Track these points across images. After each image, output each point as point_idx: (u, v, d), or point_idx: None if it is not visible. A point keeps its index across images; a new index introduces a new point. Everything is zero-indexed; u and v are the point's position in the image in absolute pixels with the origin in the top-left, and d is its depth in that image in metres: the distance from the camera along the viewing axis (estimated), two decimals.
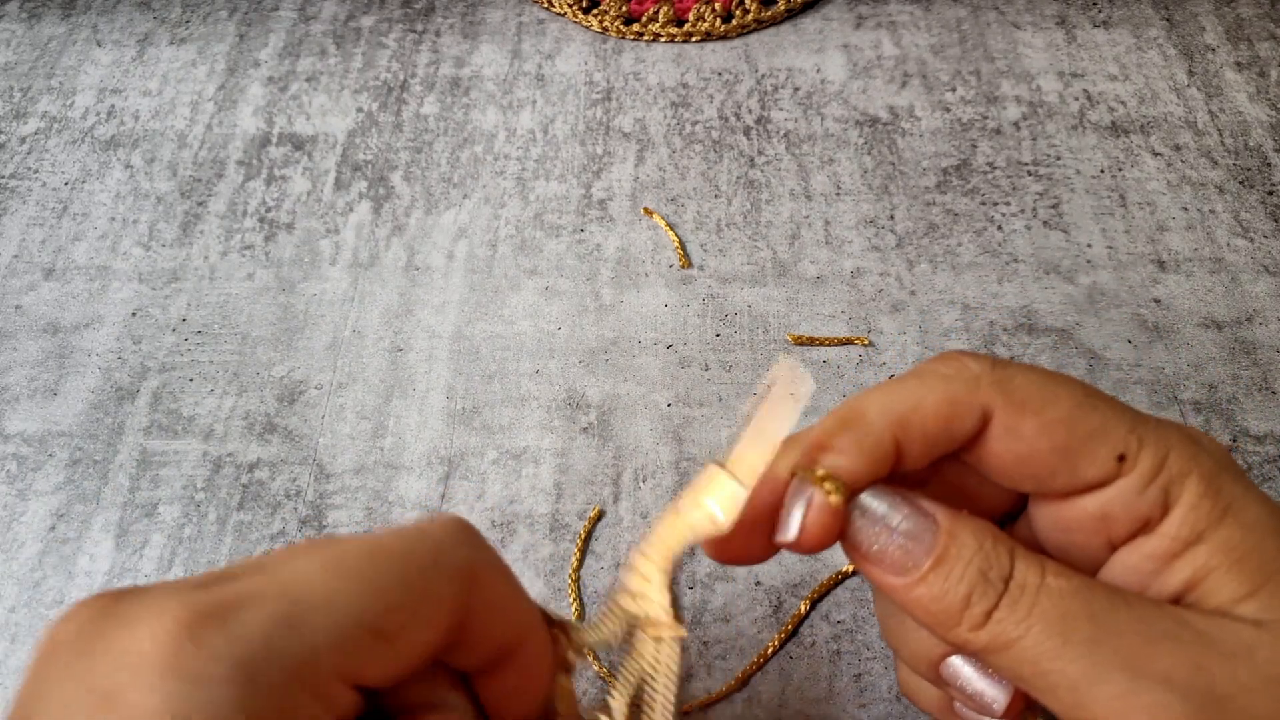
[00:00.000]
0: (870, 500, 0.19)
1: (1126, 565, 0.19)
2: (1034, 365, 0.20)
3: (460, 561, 0.18)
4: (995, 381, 0.19)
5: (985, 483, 0.21)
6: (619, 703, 0.20)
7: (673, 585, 0.20)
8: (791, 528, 0.19)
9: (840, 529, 0.19)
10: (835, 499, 0.19)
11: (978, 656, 0.19)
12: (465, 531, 0.19)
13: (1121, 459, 0.19)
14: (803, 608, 0.33)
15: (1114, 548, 0.20)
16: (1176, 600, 0.19)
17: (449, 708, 0.19)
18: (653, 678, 0.20)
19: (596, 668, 0.31)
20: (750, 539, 0.20)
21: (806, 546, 0.19)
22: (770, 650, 0.32)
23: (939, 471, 0.21)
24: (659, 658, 0.20)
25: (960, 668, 0.21)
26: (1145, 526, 0.19)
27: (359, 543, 0.17)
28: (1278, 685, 0.17)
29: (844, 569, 0.34)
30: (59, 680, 0.14)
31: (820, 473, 0.19)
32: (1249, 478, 0.19)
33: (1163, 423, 0.19)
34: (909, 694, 0.24)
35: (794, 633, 0.33)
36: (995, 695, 0.20)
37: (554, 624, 0.20)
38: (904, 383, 0.20)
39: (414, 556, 0.17)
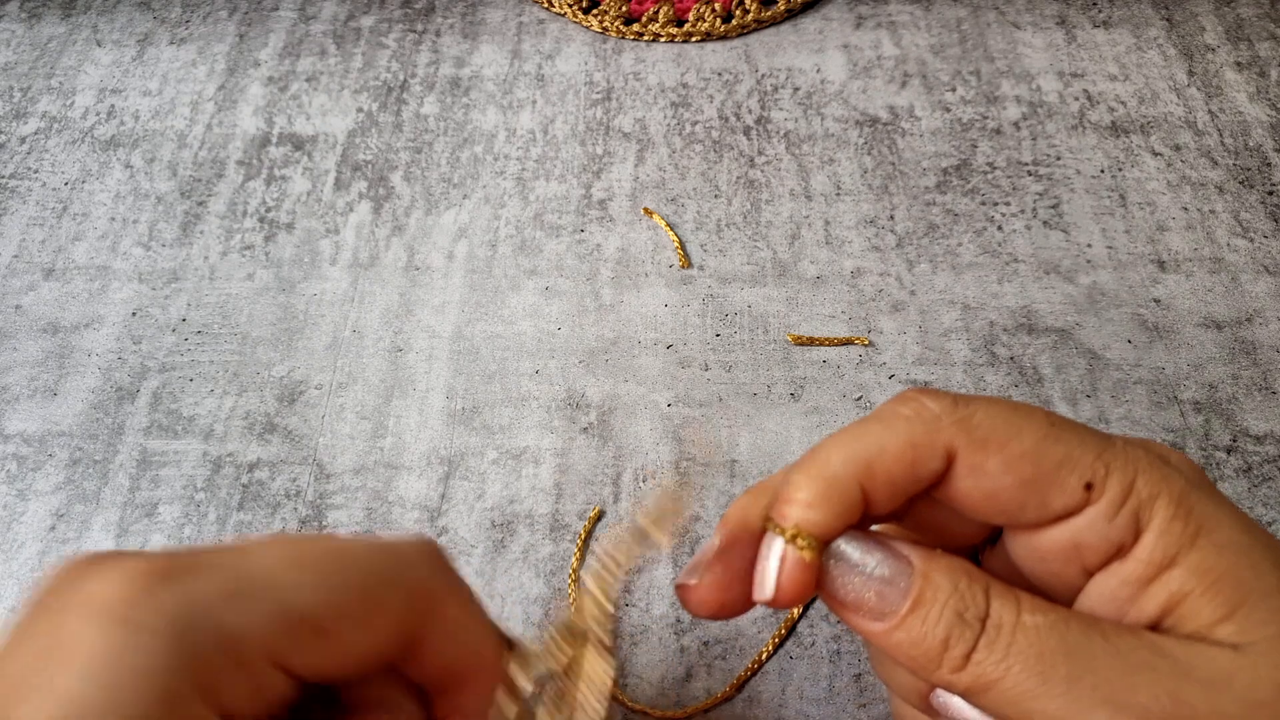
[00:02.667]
0: (844, 547, 0.19)
1: (1103, 592, 0.19)
2: (995, 398, 0.20)
3: (418, 582, 0.19)
4: (957, 421, 0.19)
5: (958, 515, 0.21)
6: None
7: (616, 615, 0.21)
8: (767, 587, 0.19)
9: (815, 582, 0.19)
10: (808, 555, 0.19)
11: (961, 696, 0.19)
12: (431, 554, 0.19)
13: (1089, 487, 0.18)
14: (796, 611, 0.33)
15: (1089, 574, 0.19)
16: (1155, 625, 0.19)
17: (398, 709, 0.20)
18: (584, 704, 0.21)
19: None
20: (729, 594, 0.20)
21: (784, 603, 0.19)
22: (765, 654, 0.32)
23: (912, 508, 0.21)
24: (591, 684, 0.21)
25: (949, 700, 0.21)
26: (1119, 552, 0.19)
27: (325, 543, 0.18)
28: (1257, 711, 0.17)
29: None
30: (32, 623, 0.16)
31: (790, 530, 0.19)
32: (1222, 495, 0.19)
33: (1130, 444, 0.19)
34: None
35: (790, 634, 0.33)
36: None
37: (511, 648, 0.21)
38: (866, 427, 0.20)
39: (372, 566, 0.18)
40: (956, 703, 0.21)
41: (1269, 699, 0.17)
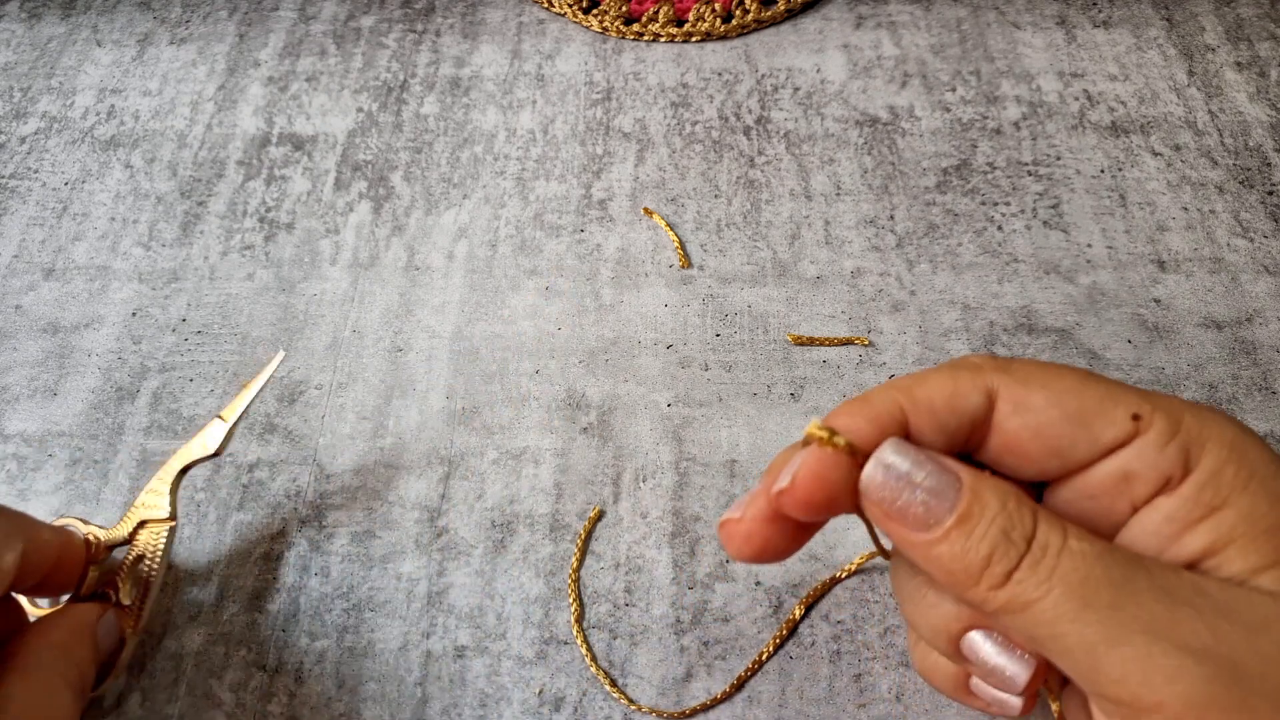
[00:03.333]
0: (893, 456, 0.19)
1: (1145, 528, 0.19)
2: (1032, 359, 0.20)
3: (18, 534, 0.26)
4: (997, 366, 0.20)
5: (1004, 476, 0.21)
6: (125, 577, 0.31)
7: (175, 497, 0.33)
8: (785, 475, 0.19)
9: (835, 480, 0.19)
10: (826, 442, 0.19)
11: (994, 617, 0.19)
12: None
13: (1136, 419, 0.19)
14: (797, 611, 0.33)
15: (1135, 509, 0.20)
16: (1192, 565, 0.19)
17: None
18: (150, 556, 0.32)
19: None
20: (772, 528, 0.20)
21: (800, 495, 0.19)
22: (765, 654, 0.32)
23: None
24: (156, 543, 0.32)
25: (980, 643, 0.21)
26: (1167, 485, 0.19)
27: None
28: None
29: (839, 572, 0.34)
30: None
31: (820, 427, 0.19)
32: (1274, 451, 0.19)
33: (1173, 397, 0.20)
34: (923, 670, 0.24)
35: (790, 635, 0.33)
36: (1016, 671, 0.20)
37: (87, 541, 0.31)
38: (907, 376, 0.21)
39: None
40: (987, 648, 0.21)
41: None
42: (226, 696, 0.32)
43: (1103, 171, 0.45)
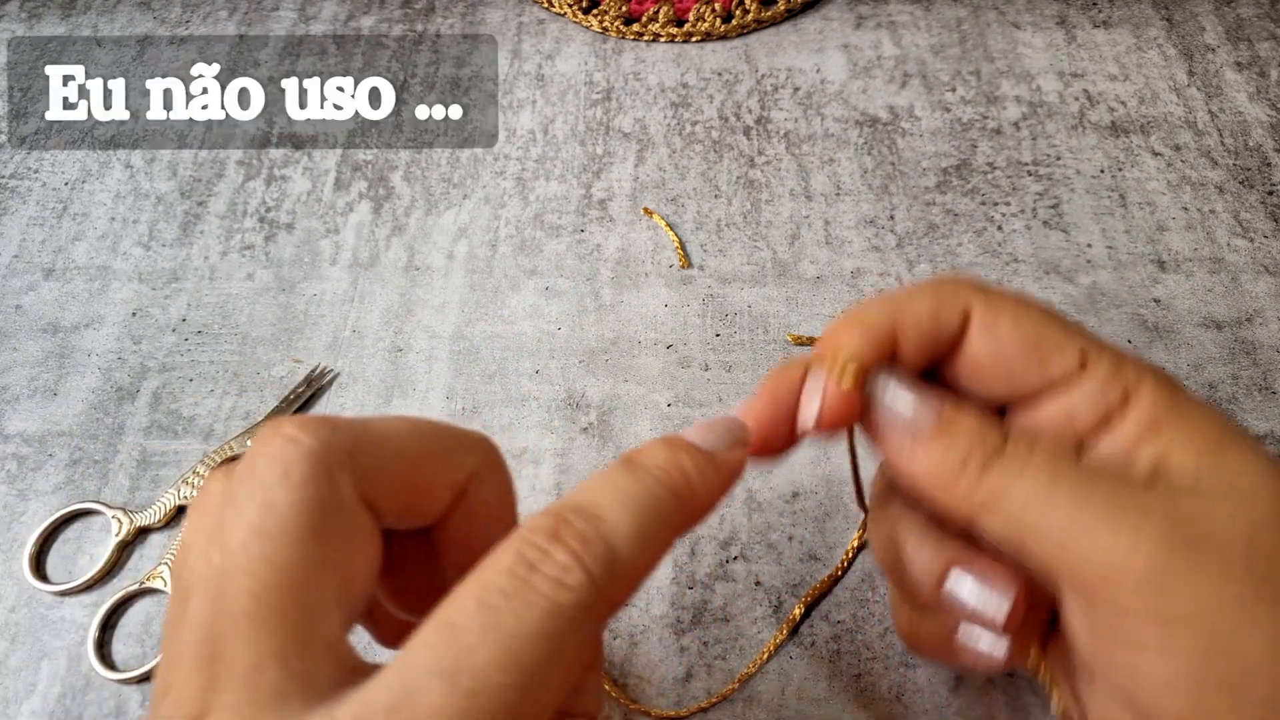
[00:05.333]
0: (882, 379, 0.22)
1: (1095, 462, 0.22)
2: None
3: (478, 449, 0.22)
4: (976, 287, 0.23)
5: (971, 398, 0.24)
6: None
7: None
8: (812, 410, 0.22)
9: (857, 404, 0.22)
10: (848, 382, 0.22)
11: (972, 521, 0.21)
12: (492, 446, 0.23)
13: (1083, 359, 0.22)
14: (797, 611, 0.33)
15: (1081, 446, 0.22)
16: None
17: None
18: None
19: None
20: (772, 428, 0.23)
21: (826, 424, 0.22)
22: (767, 654, 0.32)
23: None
24: None
25: (961, 581, 0.23)
26: (1107, 421, 0.21)
27: (424, 420, 0.22)
28: (1239, 525, 0.19)
29: (837, 569, 0.34)
30: (247, 457, 0.19)
31: (830, 356, 0.22)
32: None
33: (1119, 349, 0.22)
34: (907, 635, 0.26)
35: (790, 635, 0.33)
36: (997, 604, 0.22)
37: None
38: (898, 291, 0.23)
39: (453, 432, 0.22)
40: (968, 585, 0.23)
41: (1265, 519, 0.19)
42: None
43: (1103, 171, 0.45)
